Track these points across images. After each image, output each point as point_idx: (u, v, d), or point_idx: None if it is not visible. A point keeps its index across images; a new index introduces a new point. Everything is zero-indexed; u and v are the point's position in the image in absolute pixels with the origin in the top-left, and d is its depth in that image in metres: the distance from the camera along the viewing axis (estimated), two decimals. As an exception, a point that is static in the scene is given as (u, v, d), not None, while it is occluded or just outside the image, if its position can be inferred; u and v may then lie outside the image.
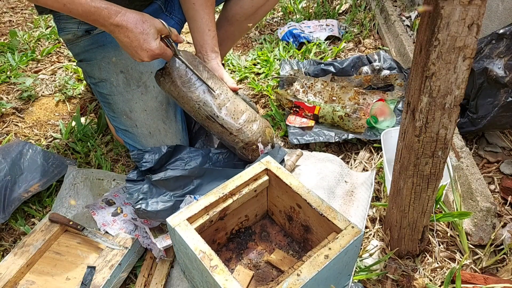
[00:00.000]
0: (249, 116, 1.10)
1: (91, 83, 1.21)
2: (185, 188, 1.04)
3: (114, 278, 0.92)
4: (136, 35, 0.96)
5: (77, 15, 0.93)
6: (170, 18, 1.26)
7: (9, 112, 1.53)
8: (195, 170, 1.07)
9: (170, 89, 1.06)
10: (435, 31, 0.61)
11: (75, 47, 1.18)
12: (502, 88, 1.13)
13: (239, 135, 1.09)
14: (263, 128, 1.12)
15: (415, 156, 0.77)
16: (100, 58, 1.14)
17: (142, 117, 1.15)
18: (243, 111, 1.10)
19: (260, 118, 1.14)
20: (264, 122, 1.14)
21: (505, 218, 1.03)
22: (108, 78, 1.14)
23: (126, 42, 0.96)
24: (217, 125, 1.08)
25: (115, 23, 0.94)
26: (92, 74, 1.17)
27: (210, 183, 1.06)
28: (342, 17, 2.09)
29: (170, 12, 1.26)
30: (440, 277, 0.93)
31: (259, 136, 1.10)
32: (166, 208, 0.96)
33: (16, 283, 0.93)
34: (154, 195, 1.00)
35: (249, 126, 1.09)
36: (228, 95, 1.09)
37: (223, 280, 0.68)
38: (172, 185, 1.03)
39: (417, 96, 0.69)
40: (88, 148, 1.33)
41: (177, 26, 1.28)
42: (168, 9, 1.25)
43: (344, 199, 1.09)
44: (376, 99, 1.37)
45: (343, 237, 0.74)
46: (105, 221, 1.06)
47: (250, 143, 1.09)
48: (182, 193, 1.03)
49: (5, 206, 1.08)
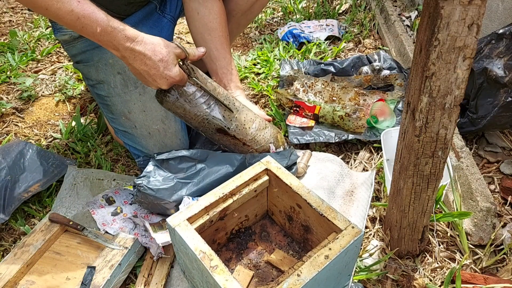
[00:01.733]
0: (259, 124, 1.10)
1: (89, 85, 1.20)
2: (187, 171, 1.03)
3: (114, 278, 0.92)
4: (155, 63, 0.89)
5: (89, 34, 0.86)
6: (163, 16, 1.25)
7: (9, 112, 1.53)
8: (198, 152, 1.06)
9: (176, 106, 1.00)
10: (435, 31, 0.61)
11: (71, 48, 1.16)
12: (502, 88, 1.13)
13: (253, 144, 1.08)
14: (275, 134, 1.12)
15: (415, 156, 0.77)
16: (97, 59, 1.13)
17: (141, 118, 1.14)
18: (253, 120, 1.09)
19: (269, 125, 1.13)
20: (274, 128, 1.14)
21: (505, 218, 1.03)
22: (105, 80, 1.14)
23: (143, 70, 0.90)
24: (229, 137, 1.06)
25: (131, 48, 0.86)
26: (90, 76, 1.16)
27: (213, 168, 1.05)
28: (342, 17, 2.09)
29: (163, 11, 1.25)
30: (440, 277, 0.93)
31: (271, 143, 1.10)
32: (167, 187, 0.96)
33: (16, 283, 0.93)
34: (157, 175, 1.00)
35: (261, 134, 1.09)
36: (236, 105, 1.07)
37: (223, 280, 0.68)
38: (176, 167, 1.02)
39: (417, 96, 0.69)
40: (88, 148, 1.33)
41: (170, 24, 1.27)
42: (161, 8, 1.25)
43: (344, 199, 1.09)
44: (376, 99, 1.37)
45: (343, 237, 0.74)
46: (105, 221, 1.06)
47: (264, 152, 1.10)
48: (185, 175, 1.02)
49: (5, 206, 1.08)
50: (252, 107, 1.17)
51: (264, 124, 1.11)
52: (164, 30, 1.24)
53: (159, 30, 1.22)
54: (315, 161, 1.21)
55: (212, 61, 1.19)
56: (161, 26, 1.24)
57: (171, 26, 1.28)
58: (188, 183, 1.02)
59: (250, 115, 1.09)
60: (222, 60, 1.18)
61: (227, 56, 1.19)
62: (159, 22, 1.23)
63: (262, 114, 1.16)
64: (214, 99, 1.02)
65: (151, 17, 1.22)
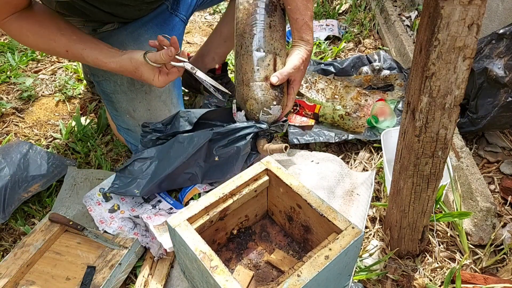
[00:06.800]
0: (265, 85, 1.08)
1: (95, 81, 1.21)
2: (145, 171, 1.10)
3: (114, 278, 0.92)
4: (141, 80, 1.05)
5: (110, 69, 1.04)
6: (175, 15, 1.26)
7: (9, 112, 1.53)
8: (150, 151, 1.12)
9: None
10: (435, 31, 0.61)
11: None
12: (502, 88, 1.13)
13: (245, 87, 1.09)
14: (260, 103, 1.09)
15: (415, 156, 0.77)
16: None
17: (145, 117, 1.15)
18: (263, 73, 1.09)
19: (268, 96, 1.09)
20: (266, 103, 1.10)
21: (505, 218, 1.03)
22: (112, 77, 1.14)
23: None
24: (239, 58, 1.10)
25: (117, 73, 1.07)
26: (96, 72, 1.17)
27: (164, 159, 1.09)
28: (342, 17, 2.09)
29: (175, 10, 1.26)
30: (440, 277, 0.93)
31: (246, 103, 1.10)
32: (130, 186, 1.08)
33: (16, 283, 0.93)
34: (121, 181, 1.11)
35: (257, 89, 1.08)
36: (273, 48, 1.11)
37: (223, 280, 0.68)
38: (135, 170, 1.11)
39: (417, 96, 0.69)
40: (88, 148, 1.33)
41: (182, 23, 1.28)
42: (173, 7, 1.26)
43: (344, 199, 1.09)
44: (377, 99, 1.37)
45: (344, 237, 0.74)
46: (103, 218, 1.06)
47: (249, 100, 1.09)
48: (143, 175, 1.09)
49: (5, 206, 1.08)
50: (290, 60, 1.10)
51: (267, 89, 1.08)
52: (176, 29, 1.25)
53: (170, 29, 1.23)
54: (315, 161, 1.21)
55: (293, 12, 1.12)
56: (172, 25, 1.24)
57: (183, 25, 1.29)
58: (144, 178, 1.08)
59: (266, 71, 1.08)
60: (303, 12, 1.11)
61: (308, 12, 1.10)
62: (170, 21, 1.24)
63: (281, 71, 1.08)
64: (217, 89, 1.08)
65: (162, 16, 1.23)
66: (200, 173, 1.09)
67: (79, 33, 1.03)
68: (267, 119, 1.10)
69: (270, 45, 1.09)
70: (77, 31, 1.04)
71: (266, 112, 1.09)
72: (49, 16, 1.02)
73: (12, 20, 0.97)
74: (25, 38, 1.00)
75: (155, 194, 1.12)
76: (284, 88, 1.12)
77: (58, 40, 1.00)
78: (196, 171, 1.08)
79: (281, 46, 1.12)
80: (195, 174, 1.08)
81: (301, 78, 1.13)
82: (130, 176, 1.10)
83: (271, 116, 1.10)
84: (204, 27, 2.13)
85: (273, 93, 1.08)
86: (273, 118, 1.11)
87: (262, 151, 1.11)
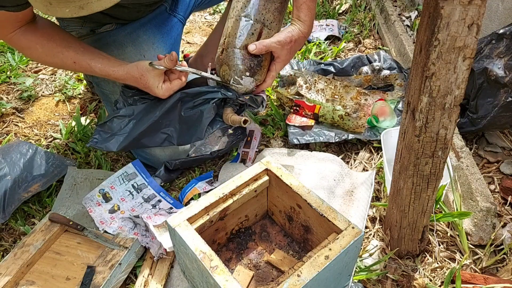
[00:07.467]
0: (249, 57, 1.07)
1: (94, 82, 1.21)
2: (123, 128, 1.12)
3: (114, 278, 0.92)
4: (145, 89, 1.07)
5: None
6: (173, 16, 1.26)
7: (9, 112, 1.53)
8: (127, 110, 1.14)
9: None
10: (435, 31, 0.61)
11: None
12: (502, 88, 1.13)
13: (224, 53, 1.08)
14: (237, 74, 1.08)
15: (415, 156, 0.77)
16: None
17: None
18: (246, 42, 1.07)
19: (253, 68, 1.08)
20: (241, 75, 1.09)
21: (505, 218, 1.03)
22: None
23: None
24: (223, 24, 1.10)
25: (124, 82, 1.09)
26: None
27: (142, 118, 1.11)
28: (342, 17, 2.09)
29: (173, 11, 1.26)
30: (440, 277, 0.93)
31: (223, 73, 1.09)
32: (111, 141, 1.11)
33: (16, 283, 0.93)
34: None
35: (238, 59, 1.06)
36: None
37: (223, 280, 0.68)
38: (114, 126, 1.13)
39: (417, 96, 0.69)
40: (88, 148, 1.33)
41: (180, 24, 1.28)
42: (171, 8, 1.26)
43: (344, 199, 1.09)
44: (377, 99, 1.38)
45: (344, 237, 0.74)
46: (103, 219, 1.06)
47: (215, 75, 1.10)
48: (121, 132, 1.12)
49: (5, 206, 1.08)
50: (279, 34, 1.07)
51: (243, 58, 1.06)
52: (174, 30, 1.26)
53: (168, 30, 1.24)
54: (315, 161, 1.21)
55: None
56: (171, 25, 1.25)
57: (181, 26, 1.30)
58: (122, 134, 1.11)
59: (249, 40, 1.06)
60: None
61: None
62: (168, 21, 1.25)
63: (264, 45, 1.05)
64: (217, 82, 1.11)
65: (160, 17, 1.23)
66: (175, 134, 1.11)
67: (85, 45, 1.06)
68: (237, 88, 1.10)
69: (260, 15, 1.06)
70: (83, 43, 1.07)
71: (236, 81, 1.08)
72: (54, 29, 1.05)
73: (20, 34, 1.00)
74: (34, 51, 1.03)
75: (155, 194, 1.12)
76: (265, 63, 1.10)
77: (66, 52, 1.03)
78: (171, 132, 1.11)
79: (273, 18, 1.08)
80: (170, 135, 1.11)
81: (287, 57, 1.08)
82: (109, 131, 1.12)
83: (241, 87, 1.09)
84: (204, 27, 2.13)
85: (249, 63, 1.06)
86: (244, 89, 1.10)
87: (225, 120, 1.12)
